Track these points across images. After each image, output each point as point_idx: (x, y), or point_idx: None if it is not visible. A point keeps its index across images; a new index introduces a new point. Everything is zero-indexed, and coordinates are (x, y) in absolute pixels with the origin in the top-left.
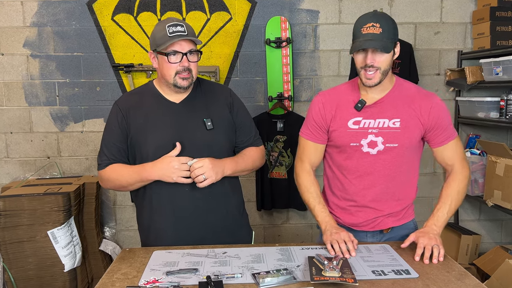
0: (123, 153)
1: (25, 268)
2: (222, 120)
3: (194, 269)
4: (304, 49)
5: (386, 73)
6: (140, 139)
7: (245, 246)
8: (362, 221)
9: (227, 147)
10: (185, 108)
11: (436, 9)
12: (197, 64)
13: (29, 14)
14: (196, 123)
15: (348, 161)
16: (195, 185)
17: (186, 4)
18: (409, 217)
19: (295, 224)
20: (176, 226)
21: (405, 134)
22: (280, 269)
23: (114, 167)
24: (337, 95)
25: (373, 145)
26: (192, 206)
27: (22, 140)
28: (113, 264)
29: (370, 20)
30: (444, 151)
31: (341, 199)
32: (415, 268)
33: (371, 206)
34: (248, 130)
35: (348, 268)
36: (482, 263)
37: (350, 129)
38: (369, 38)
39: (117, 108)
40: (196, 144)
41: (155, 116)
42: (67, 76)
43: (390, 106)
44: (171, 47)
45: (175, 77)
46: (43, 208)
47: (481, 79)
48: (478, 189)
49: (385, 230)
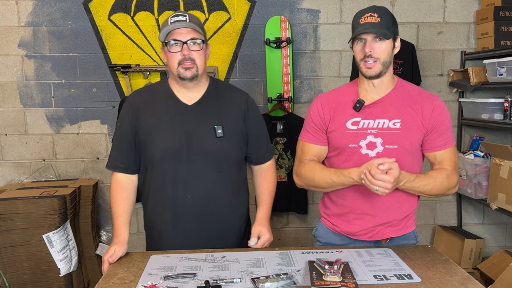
0: (131, 151)
1: (20, 273)
2: (234, 128)
3: (192, 273)
4: (305, 49)
5: (387, 66)
6: (147, 139)
7: (244, 250)
8: (360, 229)
9: (236, 157)
10: (197, 112)
11: (439, 8)
12: (202, 54)
13: (24, 13)
14: (206, 129)
15: (346, 164)
16: (197, 192)
17: (184, 3)
18: (409, 228)
19: (295, 227)
20: (176, 233)
21: (405, 135)
22: (280, 273)
23: (114, 197)
24: (336, 96)
25: (372, 146)
26: (193, 213)
27: (17, 142)
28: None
29: (368, 11)
30: (439, 157)
31: (339, 206)
32: (417, 273)
33: (370, 213)
34: (260, 141)
35: (349, 273)
36: (486, 268)
37: (348, 129)
38: (367, 27)
39: (128, 104)
40: (204, 151)
41: (165, 117)
42: (62, 77)
43: (391, 106)
44: (171, 36)
45: (178, 67)
46: (38, 211)
47: (485, 80)
48: (482, 192)
49: (383, 240)
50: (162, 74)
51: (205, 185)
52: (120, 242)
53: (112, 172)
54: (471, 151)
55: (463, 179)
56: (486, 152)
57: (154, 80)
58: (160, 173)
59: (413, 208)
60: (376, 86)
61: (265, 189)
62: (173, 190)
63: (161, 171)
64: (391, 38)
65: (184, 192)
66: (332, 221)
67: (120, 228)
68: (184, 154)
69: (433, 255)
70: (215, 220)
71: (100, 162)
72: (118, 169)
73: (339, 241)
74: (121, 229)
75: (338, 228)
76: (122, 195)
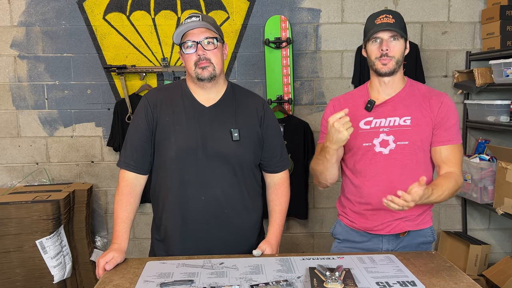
0: (145, 150)
1: (12, 280)
2: (250, 133)
3: (189, 280)
4: (305, 49)
5: (400, 65)
6: (162, 137)
7: (243, 257)
8: (377, 224)
9: (251, 161)
10: (214, 114)
11: (444, 7)
12: (217, 53)
13: (16, 13)
14: (223, 132)
15: (361, 163)
16: (211, 195)
17: (181, 2)
18: (426, 223)
19: (295, 233)
20: (187, 236)
21: (416, 132)
22: (280, 280)
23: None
24: (349, 98)
25: (385, 144)
26: (205, 217)
27: (9, 145)
28: (105, 275)
29: (382, 13)
30: (443, 152)
31: (355, 204)
32: (421, 280)
33: (386, 209)
34: (275, 148)
35: (351, 280)
36: (492, 274)
37: (361, 129)
38: (384, 27)
39: (145, 101)
40: (219, 154)
41: (182, 116)
42: (56, 78)
43: (401, 104)
44: (186, 38)
45: (196, 68)
46: (31, 216)
47: (490, 81)
48: (488, 196)
49: (401, 234)
50: (158, 75)
51: (219, 188)
52: (119, 249)
53: (121, 170)
54: (477, 155)
55: (468, 183)
56: (492, 156)
57: (150, 81)
58: (174, 173)
59: (429, 204)
60: (387, 84)
61: (276, 206)
62: (186, 192)
63: (174, 172)
64: (404, 38)
65: (198, 194)
66: (350, 218)
67: (121, 235)
68: (199, 155)
69: (437, 262)
70: (228, 225)
71: (95, 166)
72: (130, 167)
73: (358, 237)
74: (122, 237)
75: (356, 225)
76: (129, 199)
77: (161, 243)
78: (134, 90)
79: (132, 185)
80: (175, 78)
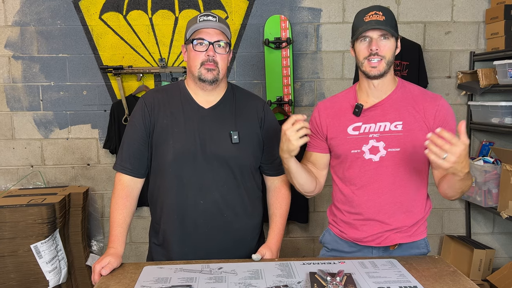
0: (142, 153)
1: (6, 285)
2: (250, 135)
3: (187, 285)
4: (306, 50)
5: (390, 65)
6: (160, 140)
7: (242, 261)
8: (367, 235)
9: (251, 164)
10: (213, 116)
11: (447, 7)
12: (225, 59)
13: (11, 12)
14: (222, 134)
15: (350, 170)
16: (210, 199)
17: (179, 1)
18: (420, 235)
19: (295, 237)
20: (186, 240)
21: (407, 138)
22: (280, 285)
23: (117, 203)
24: (336, 102)
25: (375, 151)
26: (204, 221)
27: (4, 147)
28: (101, 280)
29: (372, 9)
30: None
31: (345, 213)
32: (424, 285)
33: (377, 219)
34: (275, 151)
35: (353, 285)
36: (496, 280)
37: (350, 135)
38: (373, 25)
39: (143, 103)
40: (218, 157)
41: (180, 118)
42: (51, 79)
43: (392, 108)
44: (198, 35)
45: (200, 68)
46: (26, 220)
47: (495, 82)
48: (492, 200)
49: (391, 246)
50: (156, 76)
51: (218, 191)
52: (116, 254)
53: (117, 173)
54: (481, 157)
55: (472, 186)
56: (496, 158)
57: (148, 82)
58: (172, 176)
59: (423, 214)
60: (377, 86)
61: (277, 209)
62: (185, 195)
63: (173, 175)
64: (395, 37)
65: (197, 198)
66: (340, 227)
67: (117, 239)
68: (198, 158)
69: (440, 266)
70: (227, 229)
71: (91, 169)
72: (126, 171)
73: (347, 248)
74: (118, 241)
75: (346, 235)
76: (125, 202)
77: (159, 247)
78: (131, 91)
79: (128, 188)
80: (172, 79)
